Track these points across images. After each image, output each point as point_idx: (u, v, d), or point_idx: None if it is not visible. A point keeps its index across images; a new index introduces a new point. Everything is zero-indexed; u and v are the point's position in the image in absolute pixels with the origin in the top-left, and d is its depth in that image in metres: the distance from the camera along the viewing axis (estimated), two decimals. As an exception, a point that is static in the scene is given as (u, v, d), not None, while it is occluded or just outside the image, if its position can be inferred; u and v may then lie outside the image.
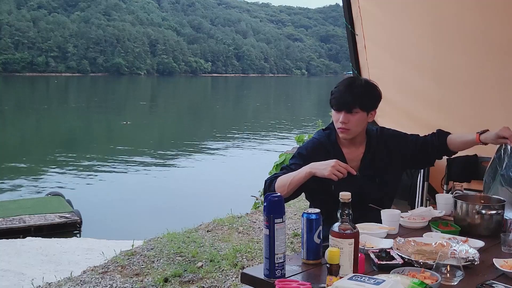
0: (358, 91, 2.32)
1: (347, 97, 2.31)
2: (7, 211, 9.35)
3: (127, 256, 4.65)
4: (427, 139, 2.53)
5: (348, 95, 2.31)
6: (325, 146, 2.40)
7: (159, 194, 12.03)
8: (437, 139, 2.52)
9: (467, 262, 1.66)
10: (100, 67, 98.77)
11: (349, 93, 2.31)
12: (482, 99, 3.14)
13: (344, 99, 2.32)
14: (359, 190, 2.16)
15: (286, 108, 41.06)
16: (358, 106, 2.30)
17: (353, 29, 3.56)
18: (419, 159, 2.55)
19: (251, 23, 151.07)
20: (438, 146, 2.51)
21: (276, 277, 1.60)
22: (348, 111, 2.30)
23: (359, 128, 2.35)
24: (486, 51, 3.01)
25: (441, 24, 3.16)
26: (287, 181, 2.23)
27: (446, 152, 2.56)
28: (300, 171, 2.22)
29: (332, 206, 1.83)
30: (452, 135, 2.52)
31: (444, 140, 2.51)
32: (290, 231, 5.25)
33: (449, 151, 2.55)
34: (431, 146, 2.51)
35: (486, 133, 2.38)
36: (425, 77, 3.40)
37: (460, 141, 2.50)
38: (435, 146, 2.51)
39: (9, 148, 19.30)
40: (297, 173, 2.23)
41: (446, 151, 2.55)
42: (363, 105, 2.32)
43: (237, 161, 17.03)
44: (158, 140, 22.79)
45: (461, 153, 3.16)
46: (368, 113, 2.35)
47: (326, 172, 2.14)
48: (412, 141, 2.53)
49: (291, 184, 2.22)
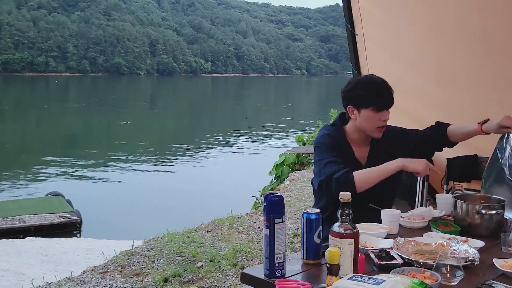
0: (391, 88, 2.40)
1: (390, 95, 2.37)
2: (7, 211, 9.36)
3: (127, 256, 4.65)
4: (426, 132, 2.55)
5: (391, 93, 2.37)
6: (337, 141, 2.41)
7: (159, 194, 12.04)
8: (437, 131, 2.53)
9: (467, 262, 1.66)
10: (100, 67, 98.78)
11: (391, 91, 2.38)
12: (482, 98, 3.15)
13: (391, 98, 2.37)
14: (375, 189, 2.24)
15: (286, 108, 41.03)
16: (393, 102, 2.40)
17: (353, 29, 3.57)
18: (420, 152, 2.55)
19: (251, 23, 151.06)
20: (438, 138, 2.53)
21: (276, 277, 1.60)
22: (389, 109, 2.38)
23: None
24: (486, 51, 3.01)
25: (441, 24, 3.16)
26: (374, 173, 2.23)
27: (447, 143, 2.57)
28: (388, 165, 2.24)
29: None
30: (452, 126, 2.53)
31: (444, 131, 2.52)
32: (290, 231, 5.25)
33: (449, 142, 2.55)
34: (431, 138, 2.53)
35: (488, 122, 2.39)
36: (425, 77, 3.40)
37: (461, 131, 2.50)
38: (435, 138, 2.53)
39: (10, 148, 19.30)
40: (386, 166, 2.24)
41: (446, 142, 2.55)
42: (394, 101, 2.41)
43: (237, 161, 17.03)
44: (158, 140, 22.79)
45: (461, 153, 3.17)
46: None
47: (420, 167, 2.19)
48: (412, 135, 2.55)
49: (380, 177, 2.23)
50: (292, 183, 8.26)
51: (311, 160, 10.25)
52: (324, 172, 2.26)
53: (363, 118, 2.36)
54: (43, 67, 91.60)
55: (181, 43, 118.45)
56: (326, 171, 2.25)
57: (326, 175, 2.24)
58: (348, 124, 2.45)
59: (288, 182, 8.47)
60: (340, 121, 2.48)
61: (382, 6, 3.45)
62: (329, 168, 2.25)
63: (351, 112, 2.40)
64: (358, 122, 2.38)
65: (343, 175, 2.20)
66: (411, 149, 2.51)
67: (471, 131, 2.46)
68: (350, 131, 2.44)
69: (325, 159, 2.29)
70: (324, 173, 2.26)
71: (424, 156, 2.76)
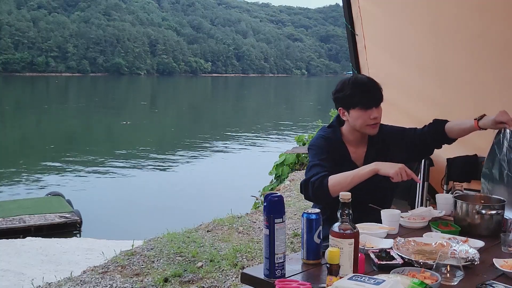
0: (379, 85, 2.40)
1: (377, 92, 2.37)
2: (7, 211, 9.36)
3: (127, 256, 4.65)
4: (425, 130, 2.56)
5: (378, 90, 2.37)
6: (333, 143, 2.42)
7: (159, 194, 12.04)
8: (435, 128, 2.54)
9: (467, 262, 1.66)
10: (100, 67, 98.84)
11: (377, 88, 2.38)
12: (482, 98, 3.14)
13: (377, 95, 2.37)
14: (374, 189, 2.25)
15: (286, 108, 41.05)
16: (382, 99, 2.40)
17: (353, 29, 3.56)
18: (419, 150, 2.57)
19: (251, 23, 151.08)
20: (436, 135, 2.53)
21: (276, 277, 1.60)
22: (378, 106, 2.37)
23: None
24: (486, 51, 3.01)
25: (441, 24, 3.16)
26: (346, 178, 2.21)
27: (446, 140, 2.57)
28: (362, 169, 2.23)
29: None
30: (450, 123, 2.53)
31: (442, 128, 2.52)
32: (290, 231, 5.25)
33: (448, 139, 2.56)
34: (430, 136, 2.53)
35: (484, 118, 2.40)
36: (425, 77, 3.40)
37: (459, 128, 2.51)
38: (433, 135, 2.53)
39: (10, 148, 19.30)
40: (359, 171, 2.23)
41: (445, 139, 2.55)
42: (383, 98, 2.41)
43: (237, 161, 17.03)
44: (158, 140, 22.80)
45: (461, 153, 3.17)
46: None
47: (392, 170, 2.15)
48: (410, 134, 2.55)
49: (353, 181, 2.20)
50: (292, 183, 8.26)
51: (311, 160, 10.25)
52: (306, 175, 2.31)
53: (353, 118, 2.37)
54: (43, 67, 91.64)
55: (181, 43, 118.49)
56: (307, 174, 2.30)
57: (305, 179, 2.29)
58: (344, 126, 2.46)
59: (288, 182, 8.47)
60: (337, 122, 2.48)
61: (382, 6, 3.45)
62: (311, 171, 2.29)
63: (342, 113, 2.41)
64: (350, 122, 2.39)
65: (319, 179, 2.23)
66: (410, 148, 2.51)
67: (468, 128, 2.47)
68: (346, 132, 2.44)
69: (312, 161, 2.34)
70: (305, 176, 2.31)
71: (424, 153, 2.77)
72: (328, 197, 2.20)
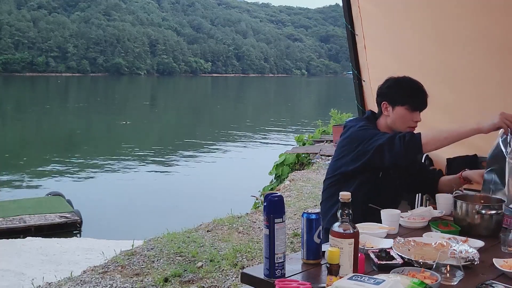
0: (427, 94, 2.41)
1: (426, 99, 2.40)
2: (7, 211, 9.35)
3: (127, 256, 4.65)
4: (430, 171, 2.69)
5: (426, 97, 2.40)
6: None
7: (159, 194, 12.02)
8: (433, 176, 2.63)
9: (467, 262, 1.66)
10: (100, 67, 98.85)
11: (426, 96, 2.40)
12: (483, 99, 3.14)
13: (425, 101, 2.40)
14: (394, 186, 2.30)
15: (286, 108, 41.02)
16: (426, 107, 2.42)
17: (353, 29, 3.56)
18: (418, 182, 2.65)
19: (251, 23, 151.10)
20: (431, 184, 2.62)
21: (276, 277, 1.60)
22: (421, 111, 2.40)
23: None
24: (487, 51, 3.01)
25: (442, 24, 3.16)
26: (443, 133, 2.15)
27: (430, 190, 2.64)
28: (463, 126, 2.14)
29: (373, 192, 2.08)
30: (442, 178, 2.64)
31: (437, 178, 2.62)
32: (290, 231, 5.25)
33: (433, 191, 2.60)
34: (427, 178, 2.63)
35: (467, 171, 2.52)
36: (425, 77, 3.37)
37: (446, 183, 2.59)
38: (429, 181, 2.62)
39: (10, 147, 19.29)
40: (458, 128, 2.15)
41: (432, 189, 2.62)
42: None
43: (237, 161, 17.02)
44: (158, 140, 22.79)
45: (461, 153, 3.17)
46: None
47: (496, 120, 2.08)
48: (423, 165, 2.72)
49: (450, 138, 2.14)
50: (292, 183, 8.26)
51: (311, 160, 10.26)
52: (378, 141, 2.22)
53: (396, 115, 2.38)
54: (43, 67, 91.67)
55: (181, 43, 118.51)
56: (382, 138, 2.22)
57: (388, 137, 2.20)
58: (378, 121, 2.47)
59: (288, 182, 8.47)
60: (372, 117, 2.51)
61: (382, 6, 3.44)
62: (386, 135, 2.24)
63: (385, 108, 2.41)
64: (391, 119, 2.40)
65: (409, 133, 2.18)
66: (413, 172, 2.56)
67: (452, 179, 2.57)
68: (380, 127, 2.45)
69: (377, 133, 2.29)
70: (382, 138, 2.22)
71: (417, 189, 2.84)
72: (419, 150, 2.14)
